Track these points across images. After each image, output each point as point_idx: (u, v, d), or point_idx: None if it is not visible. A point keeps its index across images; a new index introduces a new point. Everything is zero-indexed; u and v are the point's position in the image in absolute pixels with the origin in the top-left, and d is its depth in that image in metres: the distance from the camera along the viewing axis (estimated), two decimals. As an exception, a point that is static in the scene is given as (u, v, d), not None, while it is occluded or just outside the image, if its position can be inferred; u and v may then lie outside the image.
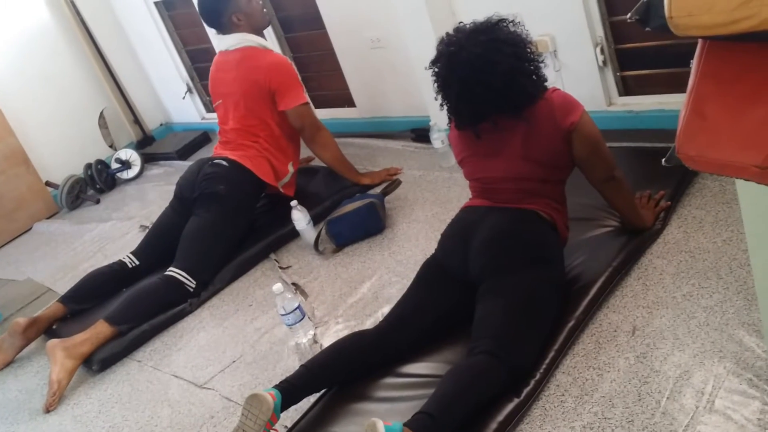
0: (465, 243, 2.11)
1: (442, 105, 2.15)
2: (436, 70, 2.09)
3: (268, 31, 4.15)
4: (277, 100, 3.16)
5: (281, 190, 3.25)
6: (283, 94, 3.14)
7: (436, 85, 2.12)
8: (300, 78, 3.28)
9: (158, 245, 3.21)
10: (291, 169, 3.29)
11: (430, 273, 2.21)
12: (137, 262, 3.17)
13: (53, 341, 2.75)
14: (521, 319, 1.94)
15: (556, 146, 2.08)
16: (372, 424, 1.67)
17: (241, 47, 3.19)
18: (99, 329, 2.78)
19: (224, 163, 3.16)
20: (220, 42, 3.28)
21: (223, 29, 3.23)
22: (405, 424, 1.71)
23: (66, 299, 3.11)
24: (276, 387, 1.97)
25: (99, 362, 2.74)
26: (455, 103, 2.10)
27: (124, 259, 3.19)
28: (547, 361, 1.92)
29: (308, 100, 3.22)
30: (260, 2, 3.25)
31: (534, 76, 2.06)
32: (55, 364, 2.67)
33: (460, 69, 2.02)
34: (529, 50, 2.06)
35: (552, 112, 2.06)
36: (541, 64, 2.09)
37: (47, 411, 2.62)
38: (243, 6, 3.15)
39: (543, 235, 2.10)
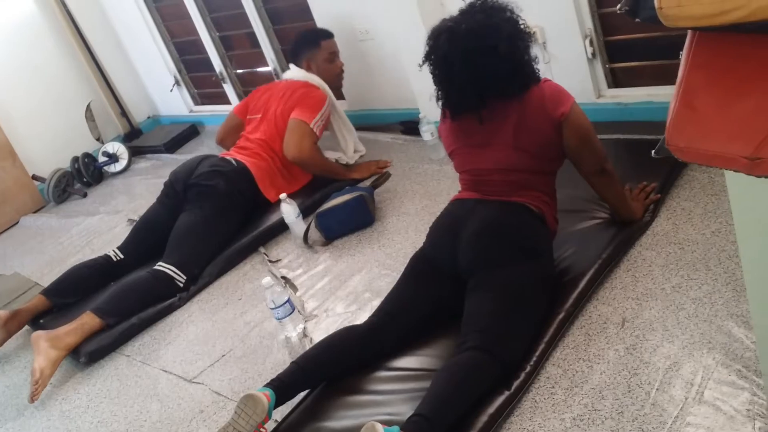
0: (454, 236, 2.10)
1: (438, 95, 2.13)
2: (435, 49, 2.05)
3: (256, 22, 4.13)
4: (292, 111, 3.24)
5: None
6: (298, 108, 3.23)
7: (434, 68, 2.08)
8: (324, 114, 3.27)
9: (144, 240, 3.20)
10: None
11: (419, 267, 2.20)
12: (122, 256, 3.16)
13: (38, 333, 2.73)
14: (510, 313, 1.94)
15: (547, 136, 2.07)
16: (371, 427, 1.65)
17: (299, 80, 3.34)
18: (85, 320, 2.77)
19: (232, 162, 3.22)
20: (290, 70, 3.44)
21: (296, 64, 3.42)
22: (402, 428, 1.70)
23: (48, 292, 3.09)
24: (269, 386, 1.96)
25: (86, 354, 2.72)
26: (458, 82, 2.05)
27: (109, 253, 3.17)
28: (537, 353, 1.92)
29: (315, 130, 3.20)
30: (342, 67, 3.44)
31: (529, 48, 2.07)
32: (39, 353, 2.64)
33: (464, 39, 1.99)
34: (521, 20, 2.06)
35: (543, 101, 2.06)
36: (531, 41, 2.09)
37: (32, 401, 2.59)
38: (320, 61, 3.38)
39: (532, 228, 2.10)
